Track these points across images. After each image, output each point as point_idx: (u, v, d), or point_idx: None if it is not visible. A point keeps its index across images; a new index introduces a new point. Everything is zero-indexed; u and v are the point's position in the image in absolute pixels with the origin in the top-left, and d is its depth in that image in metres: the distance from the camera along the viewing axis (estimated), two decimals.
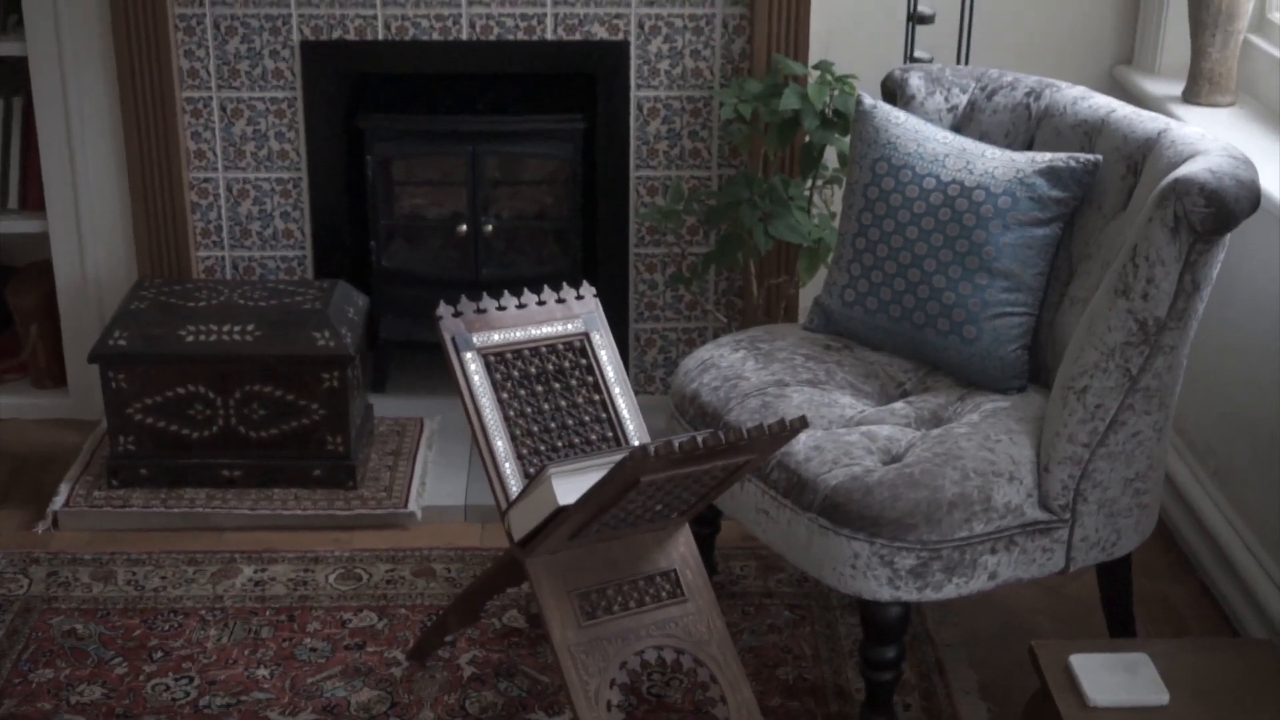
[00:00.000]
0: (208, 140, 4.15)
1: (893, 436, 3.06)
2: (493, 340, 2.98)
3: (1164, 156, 3.01)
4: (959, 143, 3.30)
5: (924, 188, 3.25)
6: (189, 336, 3.82)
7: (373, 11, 4.05)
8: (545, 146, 4.22)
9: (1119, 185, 3.14)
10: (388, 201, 4.29)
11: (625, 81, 4.12)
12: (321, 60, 4.10)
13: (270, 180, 4.20)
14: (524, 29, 4.07)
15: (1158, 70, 4.09)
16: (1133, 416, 2.95)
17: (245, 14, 4.05)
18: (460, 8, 4.05)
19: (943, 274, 3.21)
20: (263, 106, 4.13)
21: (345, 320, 3.90)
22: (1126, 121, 3.20)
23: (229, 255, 4.25)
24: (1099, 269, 3.09)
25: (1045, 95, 3.38)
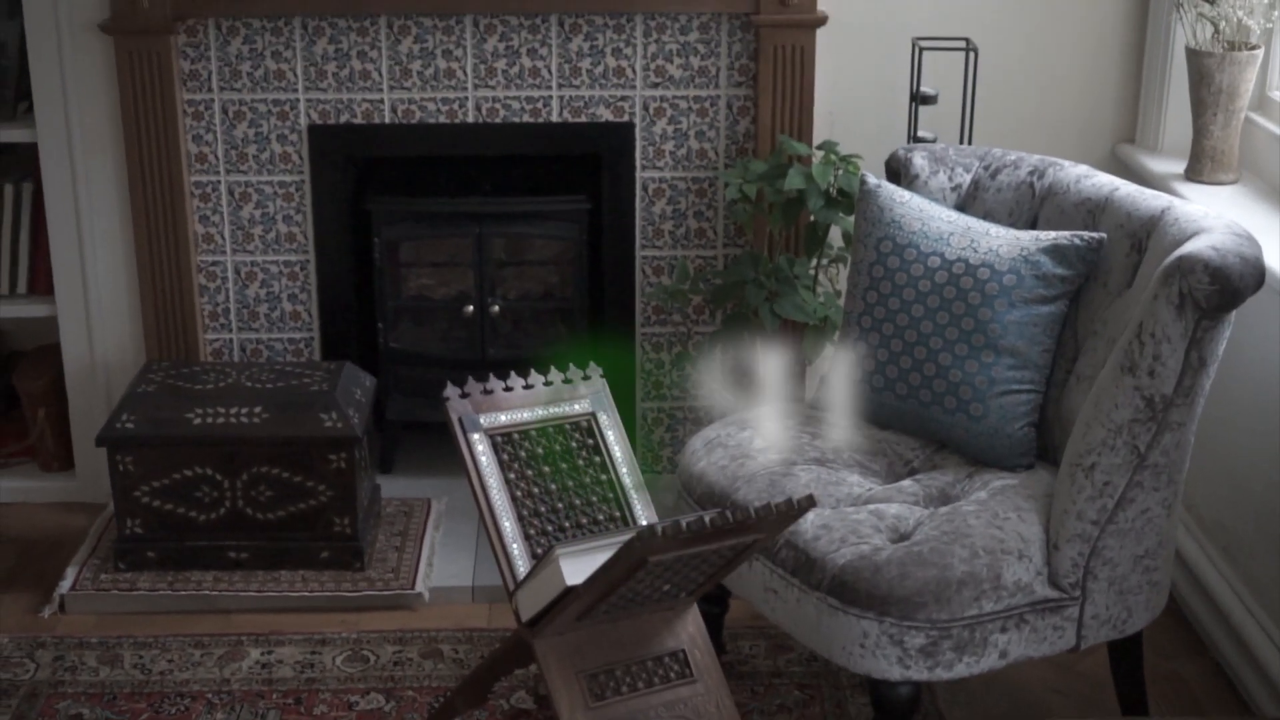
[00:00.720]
0: (216, 224, 4.18)
1: (901, 515, 3.05)
2: (500, 421, 2.98)
3: (1168, 234, 3.03)
4: (963, 221, 3.31)
5: (929, 266, 3.26)
6: (196, 419, 3.82)
7: (379, 96, 4.08)
8: (551, 227, 4.24)
9: (1124, 263, 3.15)
10: (395, 283, 4.31)
11: (630, 162, 4.15)
12: (329, 144, 4.13)
13: (278, 263, 4.22)
14: (530, 112, 4.10)
15: (1160, 148, 4.11)
16: (1141, 493, 2.95)
17: (254, 99, 4.08)
18: (466, 91, 4.08)
19: (949, 352, 3.22)
20: (271, 190, 4.16)
21: (352, 401, 3.91)
22: (1130, 199, 3.21)
23: (237, 338, 4.27)
24: (1105, 346, 3.10)
25: (1049, 174, 3.40)
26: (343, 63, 4.06)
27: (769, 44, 4.00)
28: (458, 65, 4.07)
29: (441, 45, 4.05)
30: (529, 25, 4.04)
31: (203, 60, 4.05)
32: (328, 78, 4.07)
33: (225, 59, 4.05)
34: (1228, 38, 3.73)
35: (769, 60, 4.02)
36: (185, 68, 4.05)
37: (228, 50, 4.05)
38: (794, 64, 4.02)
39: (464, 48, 4.05)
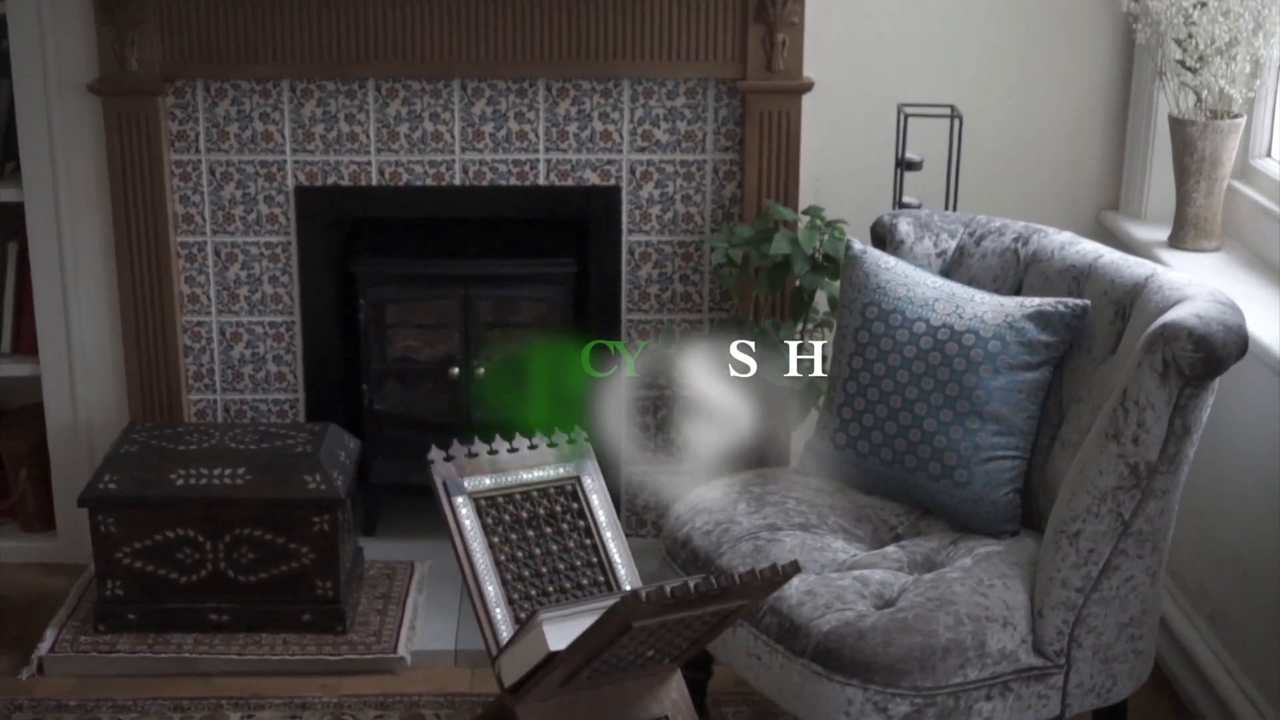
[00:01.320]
0: (201, 284, 4.18)
1: (885, 581, 3.05)
2: (484, 485, 2.97)
3: (1152, 301, 3.04)
4: (948, 287, 3.32)
5: (914, 332, 3.27)
6: (179, 480, 3.81)
7: (367, 158, 4.10)
8: (537, 290, 4.25)
9: (1108, 329, 3.16)
10: (380, 345, 4.30)
11: (617, 226, 4.16)
12: (316, 205, 4.14)
13: (263, 324, 4.21)
14: (517, 175, 4.11)
15: (1144, 216, 4.13)
16: (1126, 561, 2.95)
17: (241, 160, 4.09)
18: (454, 154, 4.10)
19: (934, 418, 3.22)
20: (257, 251, 4.16)
21: (336, 463, 3.90)
22: (1114, 267, 3.22)
23: (221, 398, 4.26)
24: (1089, 413, 3.10)
25: (1033, 240, 3.41)
26: (330, 125, 4.07)
27: (755, 110, 4.03)
28: (445, 128, 4.08)
29: (429, 108, 4.07)
30: (516, 89, 4.06)
31: (191, 121, 4.06)
32: (315, 139, 4.08)
33: (213, 120, 4.06)
34: (1210, 106, 3.76)
35: (755, 126, 4.04)
36: (173, 129, 4.07)
37: (216, 112, 4.06)
38: (780, 130, 4.04)
39: (452, 111, 4.07)
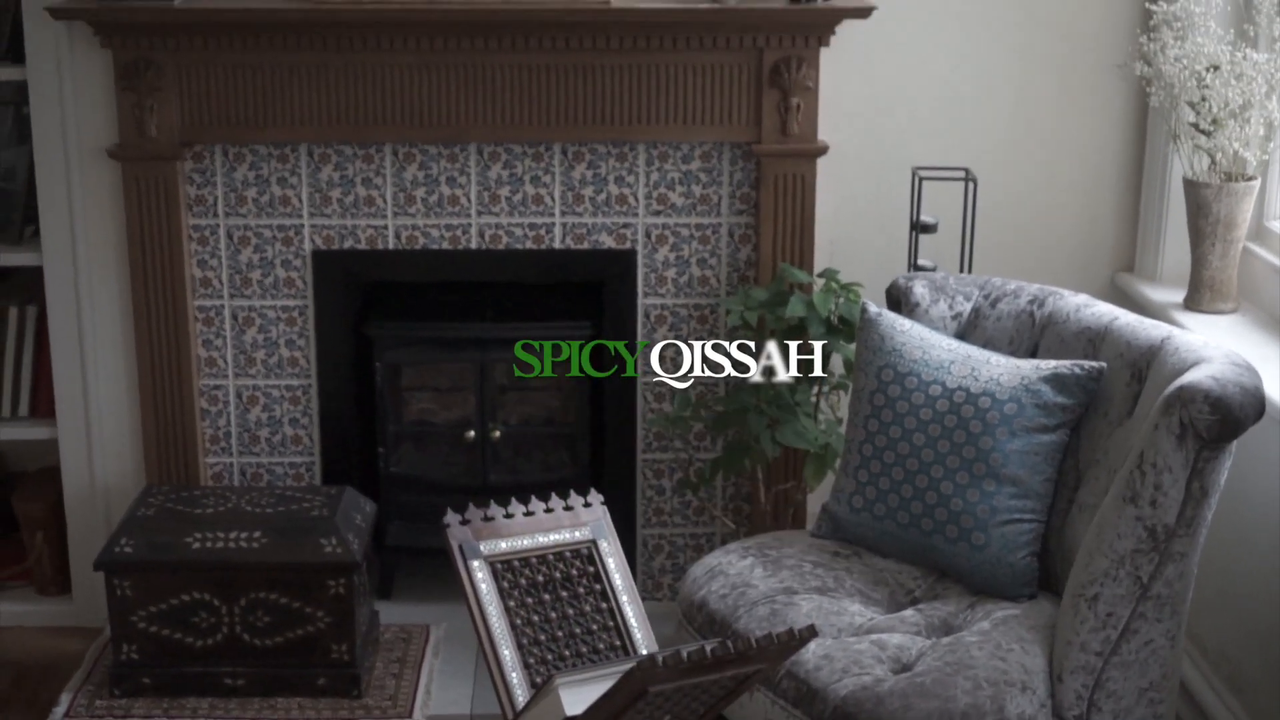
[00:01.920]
0: (219, 348, 4.19)
1: (903, 645, 3.03)
2: (500, 548, 2.97)
3: (1168, 364, 3.03)
4: (964, 350, 3.32)
5: (929, 394, 3.27)
6: (195, 543, 3.81)
7: (384, 222, 4.12)
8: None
9: (1124, 392, 3.16)
10: (396, 408, 4.31)
11: (632, 289, 4.17)
12: (332, 269, 4.16)
13: (280, 387, 4.23)
14: (533, 238, 4.13)
15: (1159, 278, 4.14)
16: (1145, 625, 2.93)
17: (259, 224, 4.11)
18: (470, 218, 4.12)
19: (950, 480, 3.22)
20: (274, 314, 4.18)
21: (352, 527, 3.89)
22: (1130, 329, 3.23)
23: (237, 462, 4.26)
24: (1106, 475, 3.09)
25: (1048, 303, 3.42)
26: (348, 189, 4.10)
27: (770, 173, 4.04)
28: (461, 192, 4.10)
29: (446, 172, 4.09)
30: (532, 153, 4.08)
31: (209, 186, 4.09)
32: (332, 203, 4.10)
33: (231, 185, 4.09)
34: (1224, 169, 3.77)
35: (770, 189, 4.05)
36: (191, 193, 4.09)
37: (234, 176, 4.08)
38: (795, 193, 4.06)
39: (468, 175, 4.09)
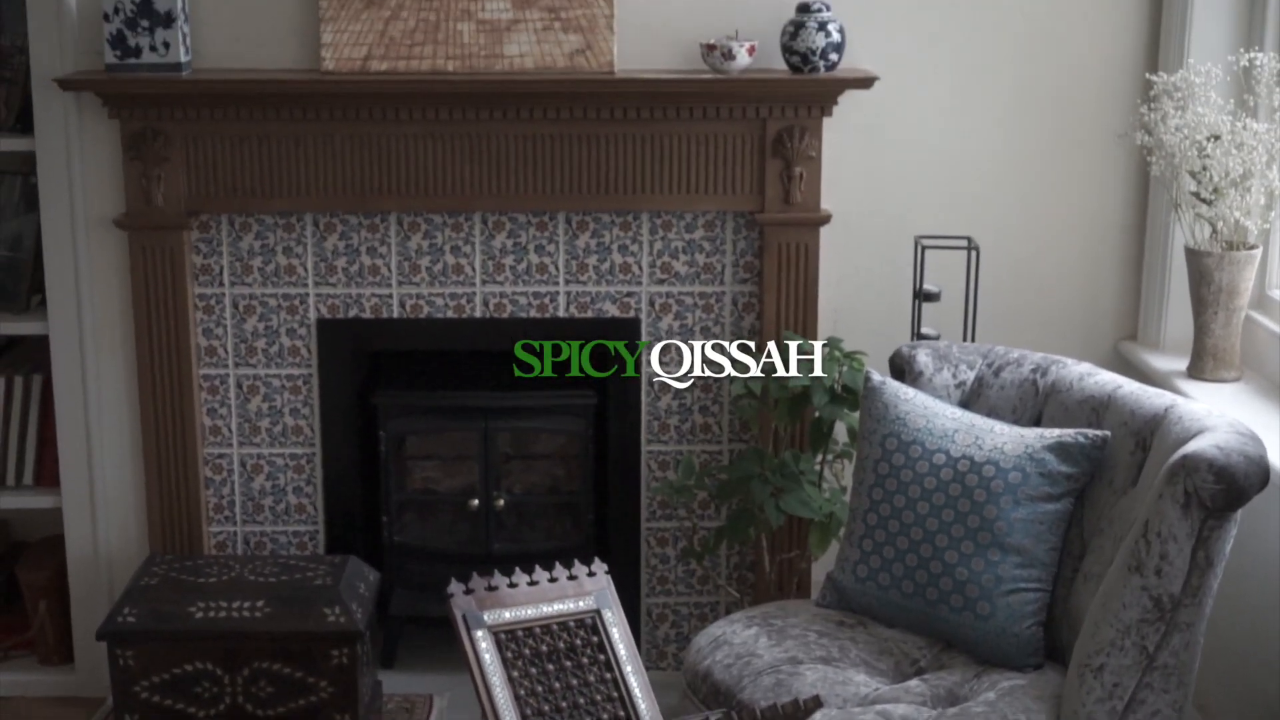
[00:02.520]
0: (223, 416, 4.20)
1: (908, 716, 3.02)
2: (504, 618, 2.96)
3: (1172, 433, 3.04)
4: (968, 419, 3.33)
5: (934, 463, 3.27)
6: (198, 613, 3.80)
7: (389, 291, 4.13)
8: (557, 421, 4.26)
9: (1128, 460, 3.16)
10: (400, 476, 4.31)
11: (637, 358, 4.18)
12: (337, 338, 4.17)
13: (284, 455, 4.23)
14: (537, 307, 4.14)
15: (1162, 346, 4.14)
16: (1151, 695, 2.92)
17: (264, 294, 4.13)
18: (474, 287, 4.13)
19: (955, 549, 3.21)
20: (278, 383, 4.19)
21: (356, 596, 3.88)
22: (1133, 397, 3.23)
23: (241, 530, 4.26)
24: (1112, 544, 3.09)
25: (1052, 371, 3.42)
26: (352, 258, 4.11)
27: (774, 241, 4.06)
28: (466, 261, 4.12)
29: (450, 241, 4.11)
30: (537, 222, 4.10)
31: (215, 255, 4.11)
32: (337, 273, 4.12)
33: (237, 254, 4.11)
34: (1226, 238, 3.78)
35: (774, 257, 4.07)
36: (197, 262, 4.11)
37: (240, 245, 4.10)
38: (798, 261, 4.08)
39: (472, 244, 4.11)
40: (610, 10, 3.94)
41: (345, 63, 3.95)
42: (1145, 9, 4.08)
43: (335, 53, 3.94)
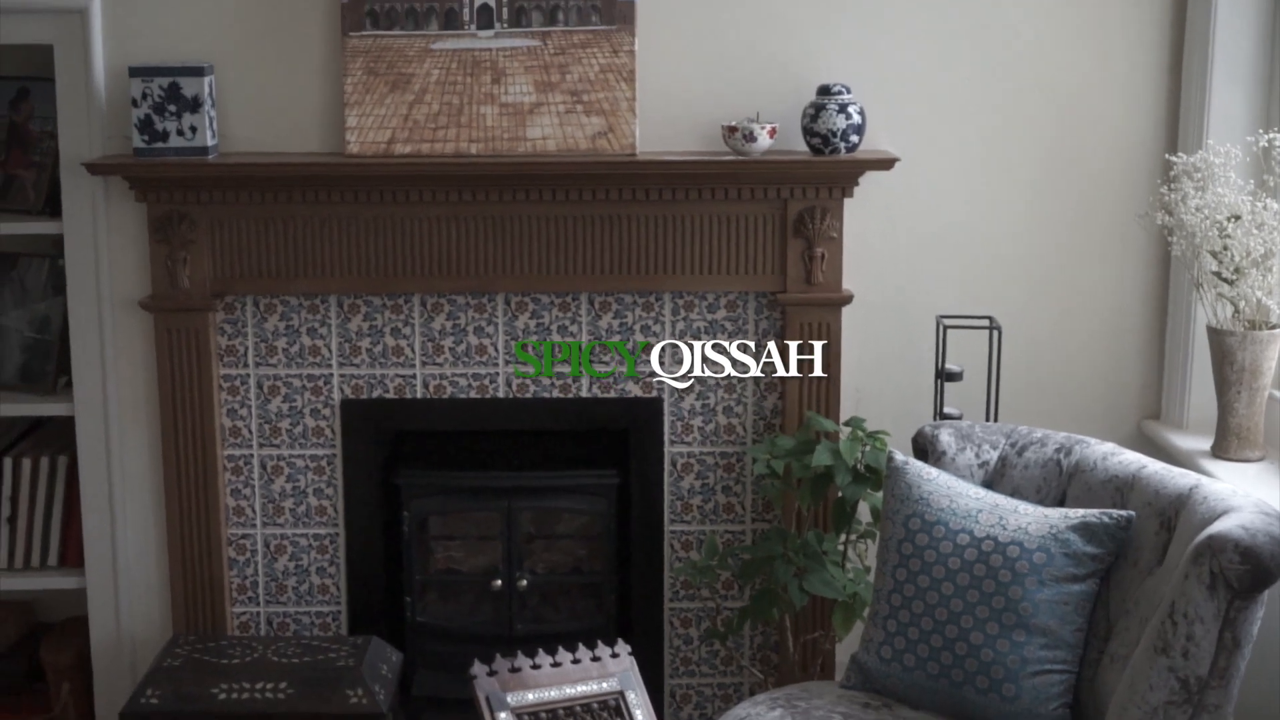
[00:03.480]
0: (247, 497, 4.21)
1: None
2: (527, 700, 2.96)
3: (1197, 513, 3.03)
4: (991, 499, 3.32)
5: (958, 544, 3.26)
6: (221, 695, 3.79)
7: (412, 371, 4.15)
8: (580, 501, 4.26)
9: (1153, 541, 3.15)
10: (423, 556, 4.31)
11: (659, 437, 4.18)
12: (361, 418, 4.18)
13: (307, 536, 4.23)
14: (559, 388, 4.16)
15: (1186, 425, 4.13)
16: None
17: (288, 374, 4.15)
18: (497, 367, 4.15)
19: (980, 630, 3.19)
20: (302, 464, 4.20)
21: (379, 677, 3.88)
22: (1158, 477, 3.22)
23: (264, 611, 4.26)
24: (1138, 625, 3.07)
25: (1075, 451, 3.42)
26: (376, 339, 4.14)
27: (796, 321, 4.07)
28: (489, 341, 4.14)
29: (474, 322, 4.13)
30: (559, 303, 4.12)
31: (240, 336, 4.13)
32: (361, 353, 4.14)
33: (262, 335, 4.13)
34: (1248, 317, 3.78)
35: (796, 337, 4.08)
36: (222, 343, 4.13)
37: (264, 326, 4.13)
38: (820, 341, 4.08)
39: (495, 324, 4.13)
40: (632, 93, 3.98)
41: (369, 146, 3.98)
42: (1164, 90, 4.11)
43: (360, 136, 3.98)
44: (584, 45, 3.98)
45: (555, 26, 3.98)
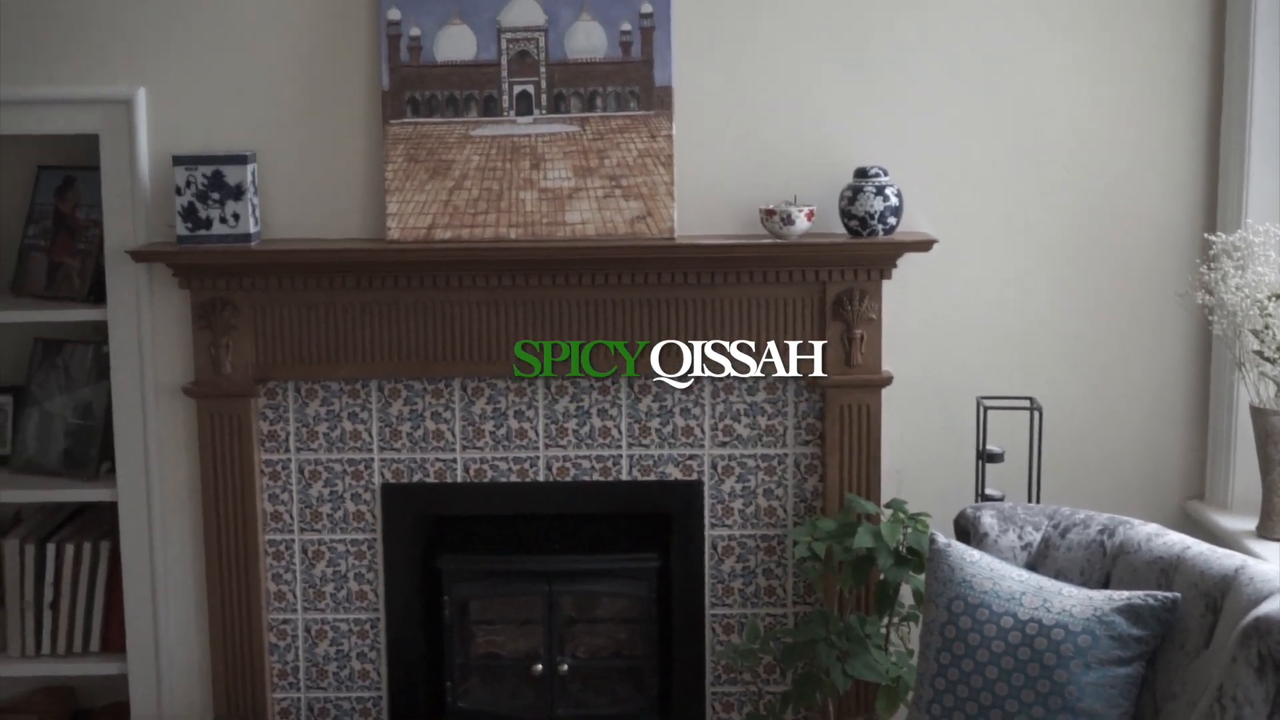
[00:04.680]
0: (288, 582, 4.21)
1: None
2: None
3: (1243, 594, 3.00)
4: (1035, 581, 3.30)
5: (1001, 626, 3.24)
6: None
7: (452, 455, 4.16)
8: (620, 585, 4.25)
9: (1199, 623, 3.12)
10: (464, 641, 4.30)
11: (699, 520, 4.17)
12: (401, 502, 4.19)
13: (348, 621, 4.23)
14: (600, 470, 4.16)
15: (1230, 506, 4.10)
16: None
17: (329, 459, 4.16)
18: (538, 451, 4.15)
19: (1025, 714, 3.16)
20: (343, 548, 4.20)
21: None
22: (1203, 558, 3.19)
23: (305, 696, 4.25)
24: (1185, 709, 3.04)
25: (1119, 532, 3.39)
26: (417, 423, 4.15)
27: (835, 403, 4.07)
28: (529, 425, 4.15)
29: (514, 406, 4.14)
30: (599, 386, 4.13)
31: (281, 421, 4.15)
32: (402, 438, 4.15)
33: (303, 420, 4.15)
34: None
35: (835, 419, 4.08)
36: (264, 429, 4.15)
37: (306, 412, 4.15)
38: (860, 423, 4.08)
39: (535, 409, 4.14)
40: (670, 177, 4.00)
41: (410, 231, 4.02)
42: (1202, 169, 4.11)
43: (400, 222, 4.02)
44: (622, 130, 4.01)
45: (594, 112, 4.01)
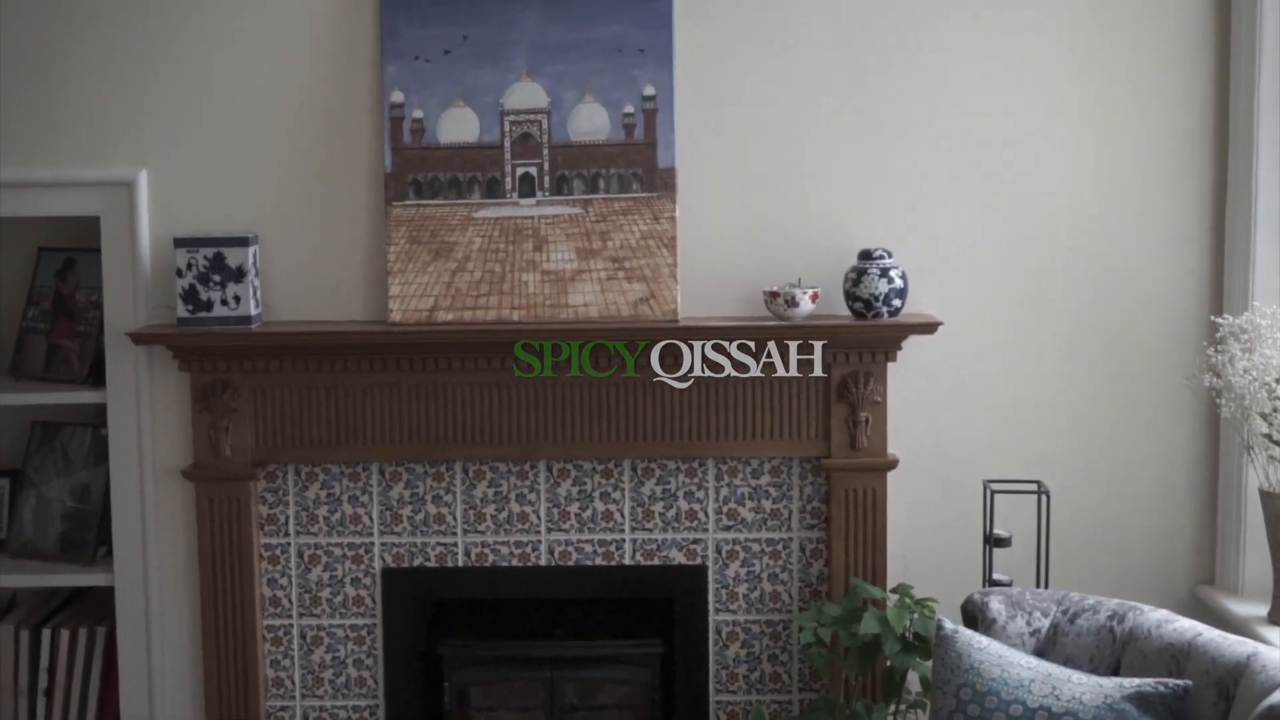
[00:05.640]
0: (286, 668, 4.16)
1: None
2: None
3: (1256, 682, 2.95)
4: (1044, 668, 3.25)
5: (1010, 714, 3.19)
6: None
7: (453, 540, 4.12)
8: (623, 671, 4.20)
9: (1212, 711, 3.07)
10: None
11: (703, 605, 4.13)
12: (402, 587, 4.15)
13: (347, 708, 4.18)
14: (602, 555, 4.11)
15: (1241, 591, 4.05)
16: None
17: (329, 543, 4.13)
18: (539, 535, 4.11)
19: None
20: (342, 633, 4.15)
21: None
22: (1214, 645, 3.15)
23: None
24: None
25: (1129, 618, 3.35)
26: (418, 506, 4.11)
27: (840, 487, 4.03)
28: (531, 509, 4.11)
29: (515, 489, 4.10)
30: (602, 470, 4.10)
31: (280, 505, 4.12)
32: (403, 521, 4.12)
33: (303, 503, 4.12)
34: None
35: (841, 503, 4.04)
36: (263, 512, 4.12)
37: (305, 495, 4.11)
38: (866, 506, 4.04)
39: (537, 492, 4.10)
40: (673, 259, 3.99)
41: (412, 313, 4.00)
42: (1208, 252, 4.09)
43: (402, 304, 4.00)
44: (625, 212, 4.00)
45: (597, 194, 4.00)
